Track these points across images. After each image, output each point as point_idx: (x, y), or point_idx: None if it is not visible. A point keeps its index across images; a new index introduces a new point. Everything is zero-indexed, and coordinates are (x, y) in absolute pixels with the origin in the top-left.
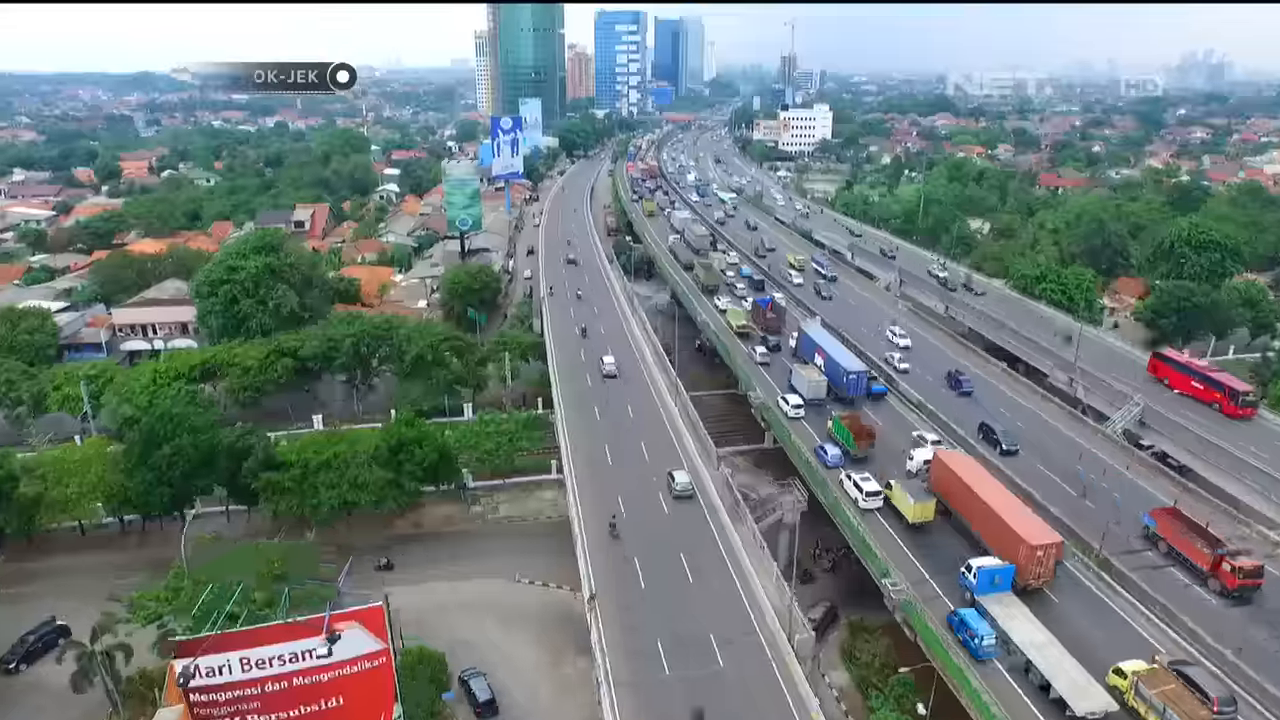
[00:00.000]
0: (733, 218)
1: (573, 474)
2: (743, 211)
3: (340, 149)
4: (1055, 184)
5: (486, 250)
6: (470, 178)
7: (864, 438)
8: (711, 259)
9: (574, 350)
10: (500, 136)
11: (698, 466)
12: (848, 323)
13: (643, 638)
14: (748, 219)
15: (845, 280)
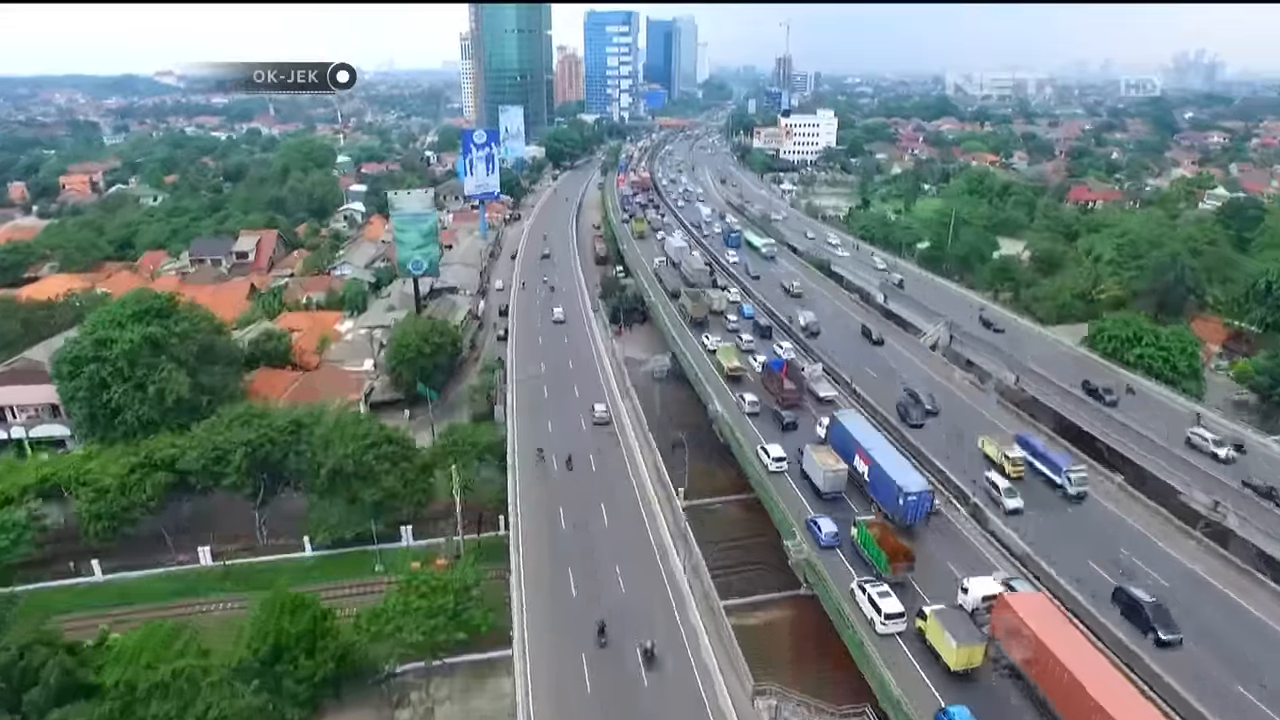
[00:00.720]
0: (772, 259)
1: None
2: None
3: (301, 163)
4: (1085, 198)
5: (453, 291)
6: (425, 212)
7: (900, 559)
8: (710, 297)
9: (543, 473)
10: (473, 153)
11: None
12: (888, 397)
13: None
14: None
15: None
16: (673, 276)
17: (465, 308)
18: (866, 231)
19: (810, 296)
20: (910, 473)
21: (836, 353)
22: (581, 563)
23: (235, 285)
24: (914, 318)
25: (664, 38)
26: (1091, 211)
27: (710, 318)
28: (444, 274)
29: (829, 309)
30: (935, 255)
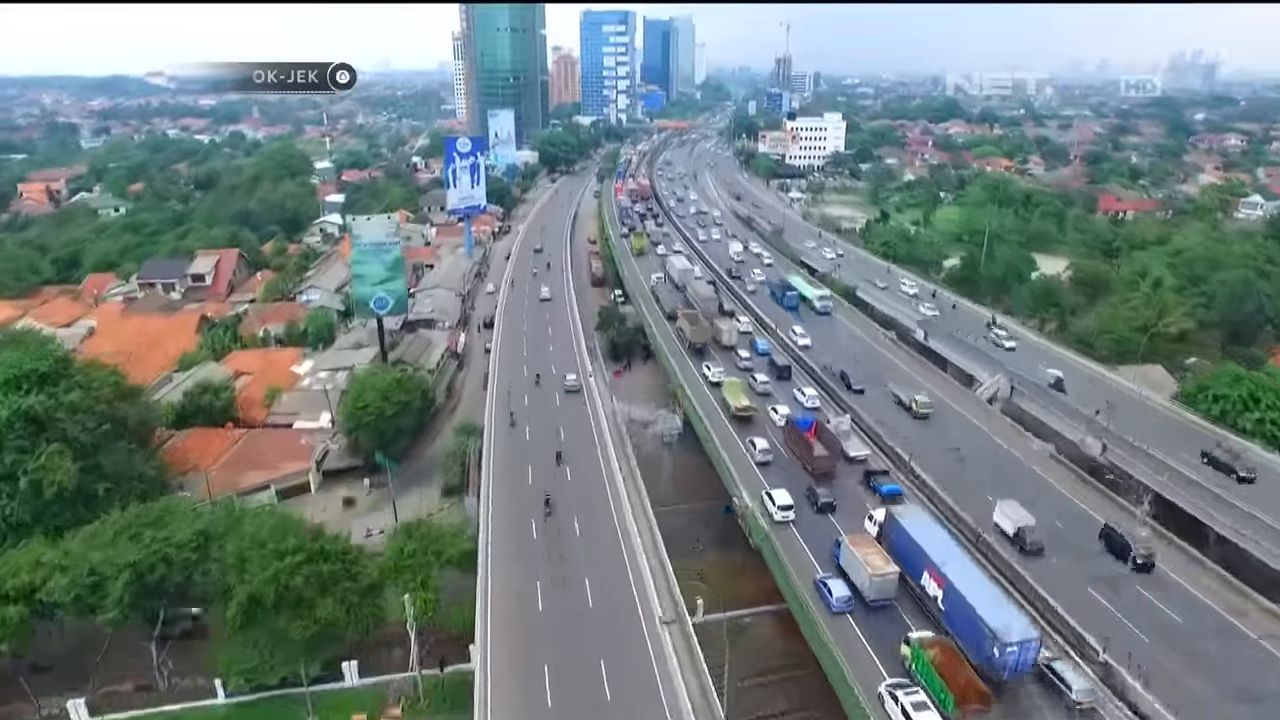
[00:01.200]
0: (828, 313)
1: None
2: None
3: (275, 171)
4: (1115, 208)
5: (430, 323)
6: (388, 242)
7: (972, 699)
8: (719, 327)
9: (526, 572)
10: (456, 162)
11: None
12: (953, 480)
13: None
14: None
15: (918, 377)
16: (671, 297)
17: (442, 345)
18: (889, 248)
19: (836, 330)
20: (1007, 610)
21: (873, 408)
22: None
23: (184, 316)
24: (965, 362)
25: (661, 38)
26: (1122, 222)
27: (716, 348)
28: (421, 301)
29: (858, 348)
30: (966, 276)
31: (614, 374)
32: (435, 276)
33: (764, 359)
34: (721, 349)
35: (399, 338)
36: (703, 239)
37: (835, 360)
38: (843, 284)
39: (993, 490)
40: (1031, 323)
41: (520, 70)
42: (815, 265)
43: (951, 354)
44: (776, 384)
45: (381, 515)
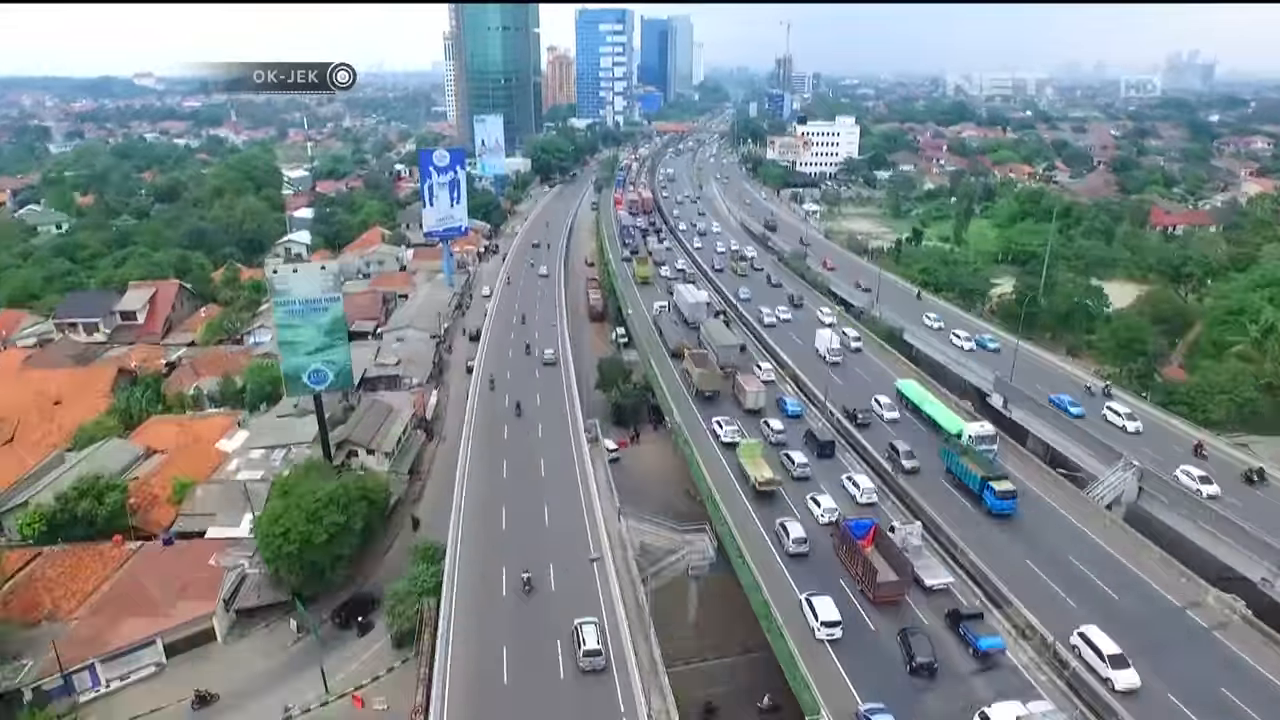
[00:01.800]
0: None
1: None
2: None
3: (239, 183)
4: (1165, 222)
5: (393, 383)
6: (324, 298)
7: None
8: (745, 386)
9: None
10: (434, 178)
11: None
12: None
13: None
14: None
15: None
16: (676, 330)
17: (406, 413)
18: (929, 275)
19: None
20: None
21: (936, 498)
22: None
23: (98, 369)
24: (1067, 445)
25: (659, 38)
26: (1175, 238)
27: (729, 397)
28: (387, 348)
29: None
30: (1022, 310)
31: (619, 444)
32: (408, 312)
33: (794, 420)
34: (739, 402)
35: (352, 402)
36: (719, 268)
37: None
38: (884, 323)
39: (1160, 668)
40: (1097, 368)
41: (512, 71)
42: (848, 298)
43: (1048, 434)
44: (816, 462)
45: (312, 678)
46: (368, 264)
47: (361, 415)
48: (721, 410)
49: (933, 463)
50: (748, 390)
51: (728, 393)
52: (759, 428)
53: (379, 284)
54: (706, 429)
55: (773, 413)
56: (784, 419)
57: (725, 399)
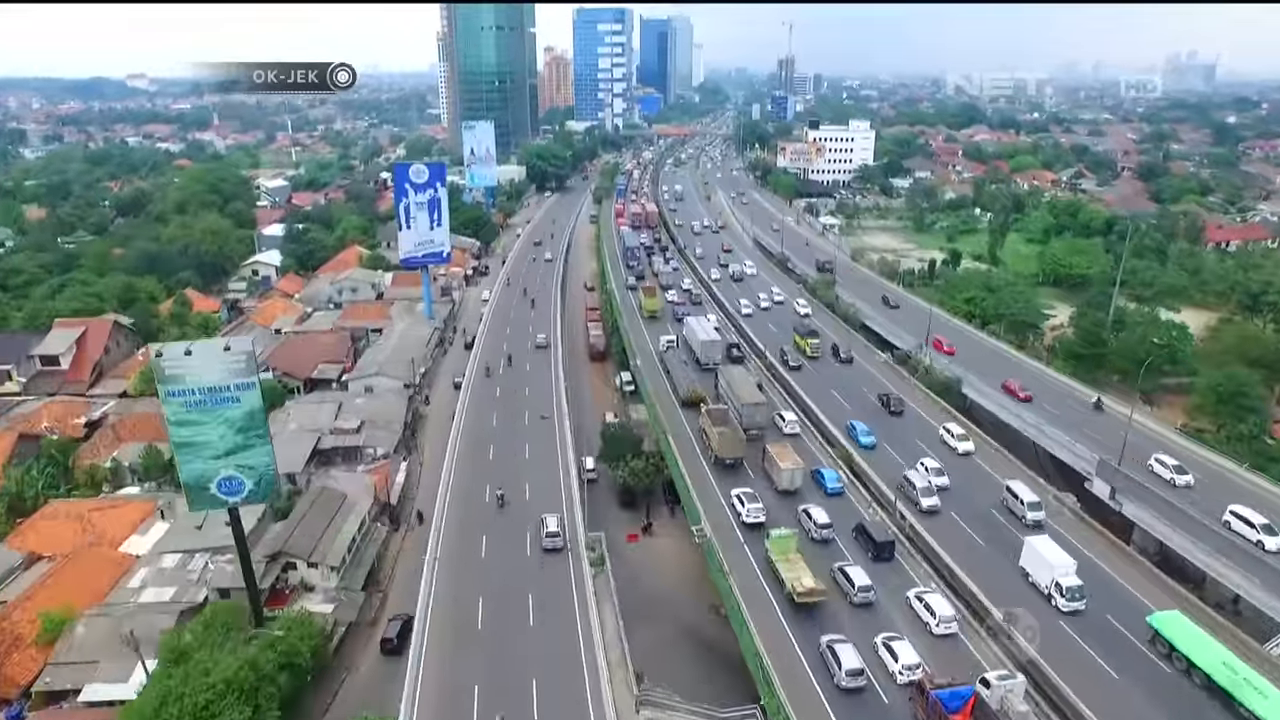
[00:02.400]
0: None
1: None
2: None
3: (203, 196)
4: (1220, 238)
5: (354, 452)
6: (234, 385)
7: None
8: (779, 462)
9: None
10: (410, 196)
11: None
12: None
13: None
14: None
15: (1112, 589)
16: (686, 371)
17: (365, 502)
18: (975, 307)
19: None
20: None
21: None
22: None
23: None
24: (1218, 567)
25: (658, 38)
26: (1232, 256)
27: (755, 465)
28: (348, 407)
29: (977, 498)
30: (1084, 350)
31: (628, 538)
32: (380, 353)
33: (834, 499)
34: (769, 478)
35: (300, 484)
36: (747, 310)
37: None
38: (940, 374)
39: None
40: (1184, 422)
41: (507, 72)
42: (893, 339)
43: (1189, 548)
44: (871, 566)
45: None
46: (339, 291)
47: (304, 513)
48: (742, 480)
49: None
50: (782, 467)
51: (753, 460)
52: (795, 515)
53: (350, 316)
54: (724, 503)
55: (810, 492)
56: (823, 500)
57: (750, 466)
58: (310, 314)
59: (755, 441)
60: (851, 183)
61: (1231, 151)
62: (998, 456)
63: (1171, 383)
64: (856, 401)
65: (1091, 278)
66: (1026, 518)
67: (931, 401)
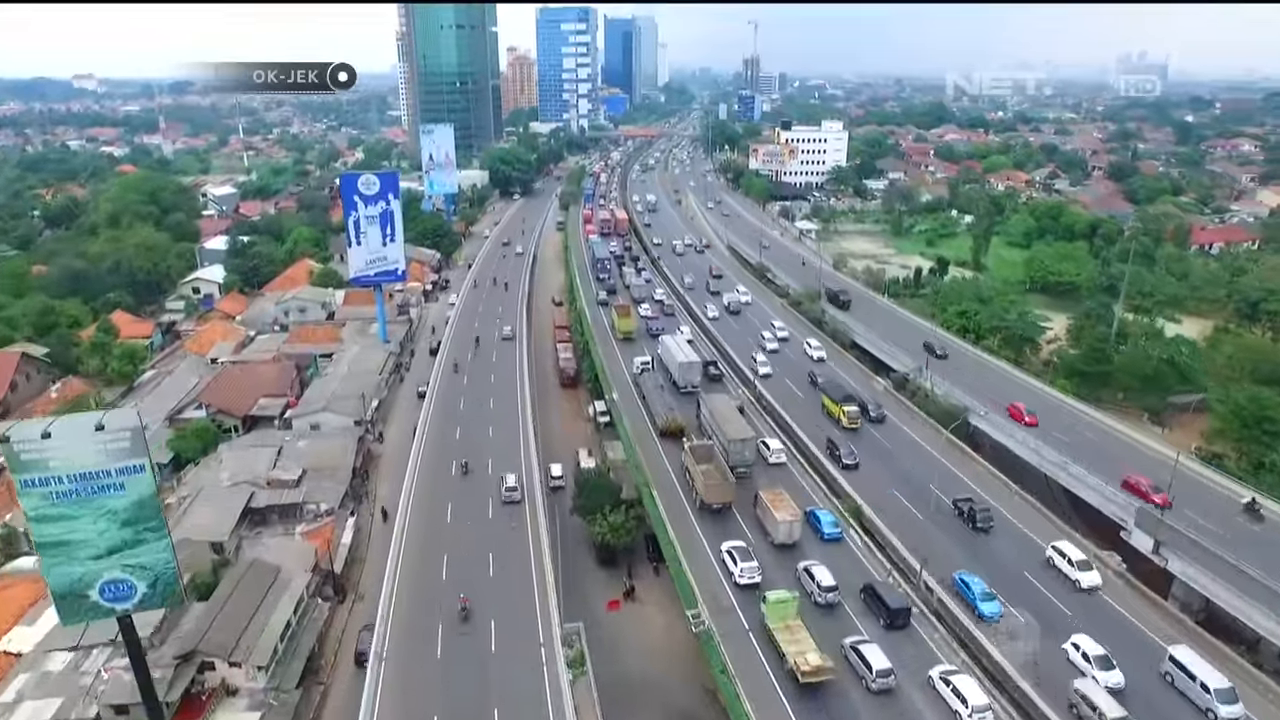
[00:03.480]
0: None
1: None
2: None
3: (139, 207)
4: (1204, 240)
5: (292, 511)
6: (116, 469)
7: None
8: (775, 513)
9: None
10: (360, 210)
11: None
12: None
13: None
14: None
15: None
16: (662, 396)
17: (301, 579)
18: (967, 321)
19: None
20: None
21: None
22: None
23: None
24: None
25: (623, 38)
26: (1216, 258)
27: (743, 509)
28: (289, 454)
29: (1024, 552)
30: (1087, 366)
31: (608, 605)
32: (328, 385)
33: (832, 545)
34: (763, 529)
35: (218, 563)
36: (764, 370)
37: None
38: (945, 402)
39: None
40: (1197, 444)
41: (468, 73)
42: (891, 363)
43: (1242, 608)
44: (884, 636)
45: None
46: (285, 312)
47: (227, 596)
48: (732, 528)
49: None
50: (778, 519)
51: (743, 502)
52: (794, 572)
53: (298, 340)
54: (713, 558)
55: (809, 543)
56: (820, 546)
57: (739, 509)
58: (253, 338)
59: (743, 480)
60: (825, 185)
61: (1196, 151)
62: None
63: (1180, 401)
64: (923, 503)
65: (1080, 284)
66: (1080, 582)
67: (930, 429)
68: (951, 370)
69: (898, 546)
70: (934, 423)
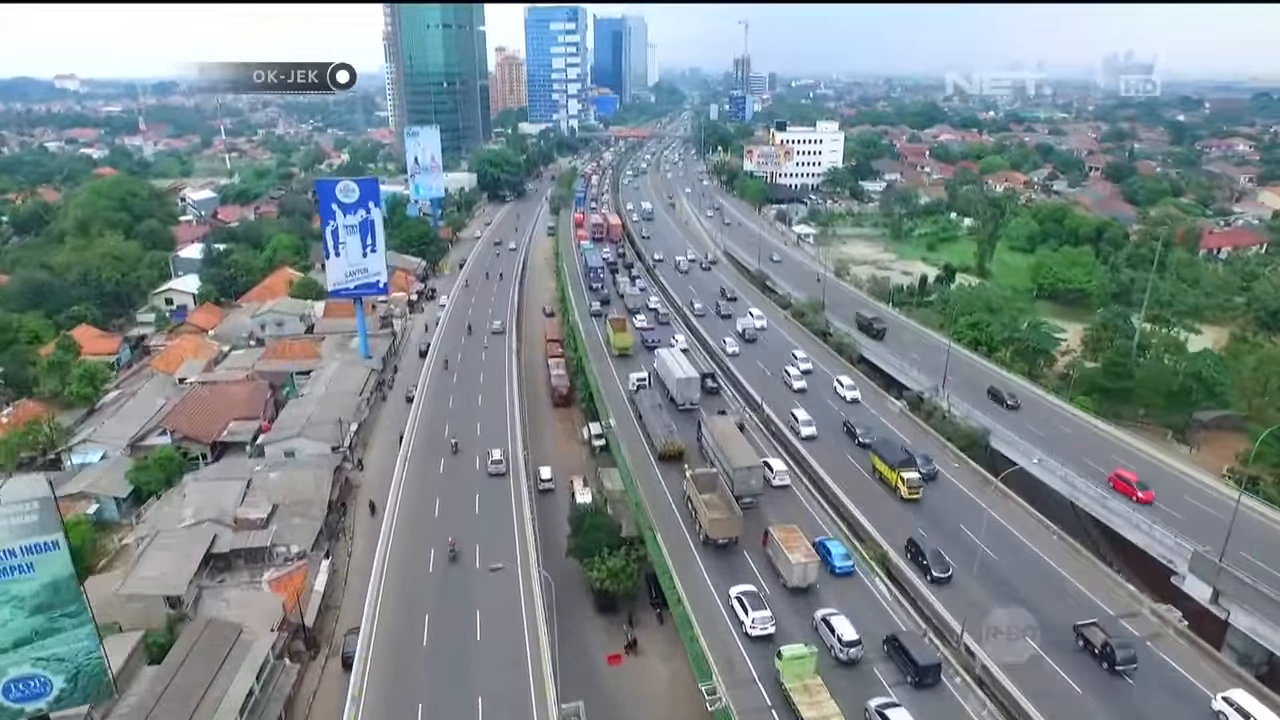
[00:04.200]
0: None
1: None
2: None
3: (109, 213)
4: (1213, 244)
5: (259, 556)
6: (21, 547)
7: None
8: (788, 553)
9: None
10: (338, 219)
11: None
12: None
13: None
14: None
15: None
16: (658, 416)
17: (266, 640)
18: (979, 333)
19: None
20: None
21: None
22: None
23: None
24: None
25: (612, 38)
26: (1228, 263)
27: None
28: (265, 479)
29: (1057, 601)
30: (1107, 382)
31: (609, 660)
32: (304, 407)
33: (844, 579)
34: (774, 569)
35: (174, 619)
36: (807, 430)
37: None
38: (964, 424)
39: None
40: (1230, 466)
41: (456, 73)
42: (902, 378)
43: None
44: (913, 695)
45: None
46: (262, 325)
47: (179, 663)
48: (738, 566)
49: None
50: (793, 561)
51: (750, 537)
52: (814, 625)
53: (274, 356)
54: (720, 604)
55: (826, 587)
56: (831, 581)
57: (744, 552)
58: (226, 353)
59: (749, 509)
60: (820, 186)
61: (1191, 151)
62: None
63: (1206, 418)
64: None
65: (1091, 292)
66: (1116, 658)
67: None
68: (1027, 423)
69: (1019, 699)
70: (983, 471)
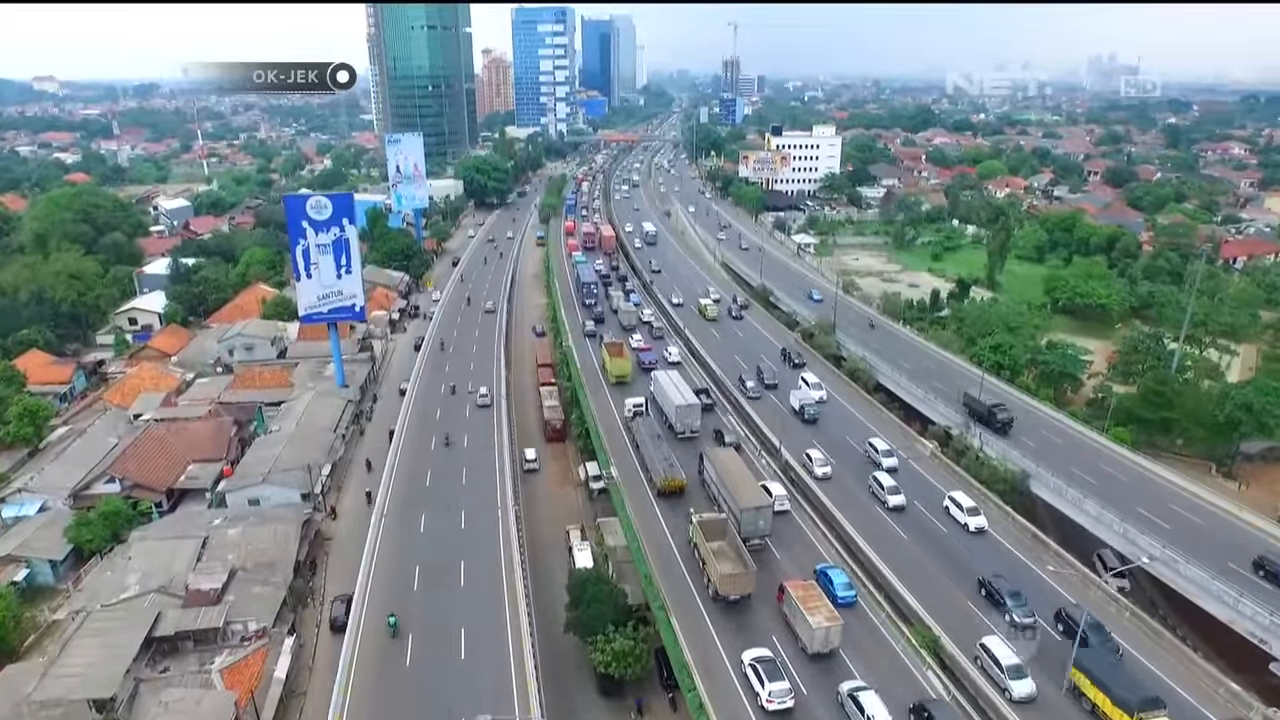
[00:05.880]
0: None
1: None
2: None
3: (68, 227)
4: (1229, 253)
5: (214, 635)
6: None
7: None
8: (807, 615)
9: None
10: (309, 237)
11: None
12: None
13: None
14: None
15: None
16: (658, 448)
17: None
18: (1002, 357)
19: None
20: None
21: None
22: None
23: None
24: None
25: (600, 40)
26: (1246, 274)
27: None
28: (223, 537)
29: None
30: (1143, 411)
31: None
32: (271, 447)
33: (846, 610)
34: (791, 631)
35: (121, 703)
36: (823, 471)
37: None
38: (1001, 466)
39: None
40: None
41: (441, 75)
42: (925, 409)
43: None
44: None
45: None
46: (230, 350)
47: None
48: (752, 627)
49: None
50: (813, 625)
51: (762, 590)
52: (839, 699)
53: (242, 384)
54: (733, 673)
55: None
56: (853, 634)
57: (758, 599)
58: (190, 382)
59: (757, 551)
60: (818, 193)
61: (1188, 154)
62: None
63: (1253, 450)
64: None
65: (1111, 306)
66: None
67: (993, 505)
68: (1065, 461)
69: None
70: (1033, 528)
